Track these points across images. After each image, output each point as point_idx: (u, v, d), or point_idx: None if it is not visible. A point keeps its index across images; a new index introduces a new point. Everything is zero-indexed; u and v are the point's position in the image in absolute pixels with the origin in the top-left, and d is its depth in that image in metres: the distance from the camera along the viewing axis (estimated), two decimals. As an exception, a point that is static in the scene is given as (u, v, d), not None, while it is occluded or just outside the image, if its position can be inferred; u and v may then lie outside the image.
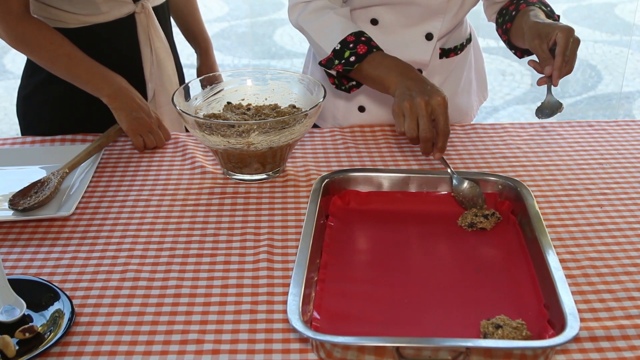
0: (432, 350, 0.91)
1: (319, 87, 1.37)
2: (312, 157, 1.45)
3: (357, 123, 1.60)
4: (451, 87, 1.60)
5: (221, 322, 1.01)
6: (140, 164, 1.44)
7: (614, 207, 1.28)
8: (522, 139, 1.51)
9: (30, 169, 1.41)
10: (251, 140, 1.27)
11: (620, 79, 4.55)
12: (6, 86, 4.45)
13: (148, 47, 1.60)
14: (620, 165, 1.42)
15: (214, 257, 1.15)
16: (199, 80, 1.43)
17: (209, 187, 1.35)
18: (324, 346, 0.93)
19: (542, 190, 1.33)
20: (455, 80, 1.60)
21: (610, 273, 1.10)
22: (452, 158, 1.44)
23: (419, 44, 1.49)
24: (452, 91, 1.59)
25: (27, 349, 0.96)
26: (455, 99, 1.61)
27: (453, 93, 1.60)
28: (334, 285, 1.07)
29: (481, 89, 1.73)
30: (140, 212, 1.28)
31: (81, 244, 1.19)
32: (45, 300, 1.04)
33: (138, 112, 1.46)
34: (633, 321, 1.00)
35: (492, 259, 1.14)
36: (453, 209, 1.25)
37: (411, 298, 1.05)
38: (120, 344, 0.98)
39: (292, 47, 4.98)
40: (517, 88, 4.37)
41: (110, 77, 1.47)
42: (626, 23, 5.67)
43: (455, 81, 1.61)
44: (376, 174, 1.29)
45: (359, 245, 1.19)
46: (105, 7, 1.51)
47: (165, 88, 1.66)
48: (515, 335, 0.94)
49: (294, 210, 1.27)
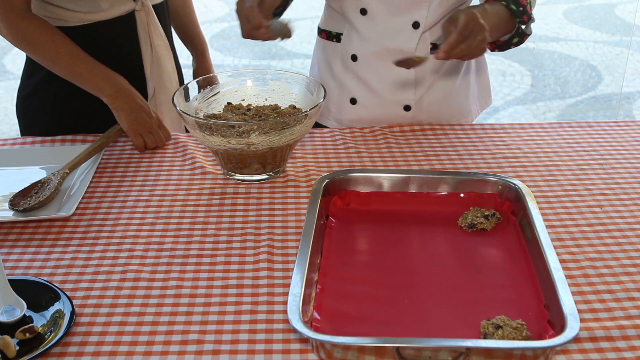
0: (432, 350, 0.91)
1: (319, 88, 1.37)
2: (313, 158, 1.45)
3: (350, 117, 1.62)
4: (444, 85, 1.60)
5: (221, 323, 1.01)
6: (140, 164, 1.44)
7: (614, 207, 1.28)
8: (522, 140, 1.52)
9: (30, 169, 1.41)
10: (251, 140, 1.27)
11: (620, 80, 4.55)
12: (6, 87, 4.45)
13: (148, 44, 1.60)
14: (620, 165, 1.42)
15: (214, 258, 1.15)
16: (199, 81, 1.44)
17: (209, 188, 1.35)
18: (324, 346, 0.93)
19: (542, 190, 1.33)
20: (449, 79, 1.60)
21: (610, 273, 1.11)
22: (452, 158, 1.44)
23: (406, 33, 1.50)
24: (445, 90, 1.60)
25: (27, 349, 0.96)
26: (449, 98, 1.61)
27: (447, 92, 1.60)
28: (334, 285, 1.07)
29: (483, 95, 1.72)
30: (141, 212, 1.28)
31: (81, 245, 1.19)
32: (46, 300, 1.04)
33: (138, 112, 1.46)
34: (633, 321, 1.00)
35: (493, 260, 1.14)
36: (453, 210, 1.25)
37: (411, 298, 1.05)
38: (120, 344, 0.98)
39: (292, 48, 4.98)
40: (517, 88, 4.37)
41: (111, 77, 1.47)
42: (626, 23, 5.67)
43: (450, 80, 1.60)
44: (376, 175, 1.29)
45: (359, 246, 1.19)
46: (105, 4, 1.51)
47: (165, 86, 1.66)
48: (516, 335, 0.94)
49: (294, 210, 1.27)
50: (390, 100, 1.59)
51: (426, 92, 1.59)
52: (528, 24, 1.46)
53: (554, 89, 4.41)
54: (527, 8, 1.43)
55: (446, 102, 1.61)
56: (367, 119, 1.61)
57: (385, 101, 1.59)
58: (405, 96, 1.58)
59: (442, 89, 1.59)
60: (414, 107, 1.59)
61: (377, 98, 1.59)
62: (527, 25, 1.46)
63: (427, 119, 1.61)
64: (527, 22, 1.45)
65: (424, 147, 1.49)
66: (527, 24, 1.46)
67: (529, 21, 1.45)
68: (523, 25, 1.46)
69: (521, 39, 1.48)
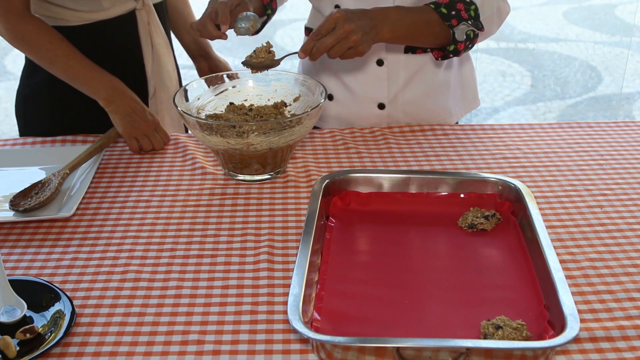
0: (433, 350, 0.91)
1: (320, 88, 1.37)
2: (313, 158, 1.45)
3: (328, 113, 1.62)
4: (420, 86, 1.58)
5: (221, 323, 1.01)
6: (141, 164, 1.44)
7: (614, 207, 1.28)
8: (522, 140, 1.52)
9: (30, 169, 1.41)
10: (250, 141, 1.27)
11: (620, 80, 4.55)
12: (7, 87, 4.45)
13: (149, 43, 1.61)
14: (620, 166, 1.42)
15: (215, 258, 1.15)
16: (203, 80, 1.44)
17: (210, 188, 1.35)
18: (324, 347, 0.93)
19: (542, 191, 1.33)
20: (425, 80, 1.58)
21: (610, 274, 1.11)
22: (452, 158, 1.44)
23: None
24: (420, 91, 1.59)
25: (27, 349, 0.96)
26: (427, 98, 1.60)
27: (422, 93, 1.59)
28: (334, 285, 1.07)
29: (467, 96, 1.69)
30: (141, 212, 1.28)
31: (82, 245, 1.19)
32: (46, 301, 1.04)
33: (133, 116, 1.46)
34: (633, 322, 1.00)
35: (493, 260, 1.14)
36: (453, 210, 1.25)
37: (411, 299, 1.05)
38: (120, 344, 0.98)
39: (293, 48, 4.98)
40: (517, 89, 4.37)
41: (107, 80, 1.48)
42: (626, 24, 5.67)
43: (426, 81, 1.58)
44: (376, 175, 1.29)
45: (359, 246, 1.19)
46: (107, 3, 1.51)
47: (165, 85, 1.66)
48: (516, 335, 0.94)
49: (294, 211, 1.28)
50: (364, 98, 1.59)
51: (401, 90, 1.58)
52: (460, 29, 1.38)
53: (554, 89, 4.41)
54: (462, 13, 1.36)
55: (423, 101, 1.60)
56: (345, 117, 1.62)
57: (360, 98, 1.59)
58: (379, 94, 1.58)
59: (418, 88, 1.58)
60: (389, 105, 1.59)
61: (351, 95, 1.60)
62: (459, 30, 1.38)
63: (404, 118, 1.61)
64: (457, 27, 1.37)
65: (423, 148, 1.49)
66: (458, 29, 1.37)
67: (459, 25, 1.37)
68: (452, 29, 1.37)
69: (456, 46, 1.39)
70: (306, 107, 1.40)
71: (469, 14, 1.37)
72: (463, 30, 1.39)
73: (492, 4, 1.42)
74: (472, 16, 1.38)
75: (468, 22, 1.38)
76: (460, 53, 1.42)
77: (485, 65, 4.67)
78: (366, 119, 1.61)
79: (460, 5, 1.37)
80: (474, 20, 1.38)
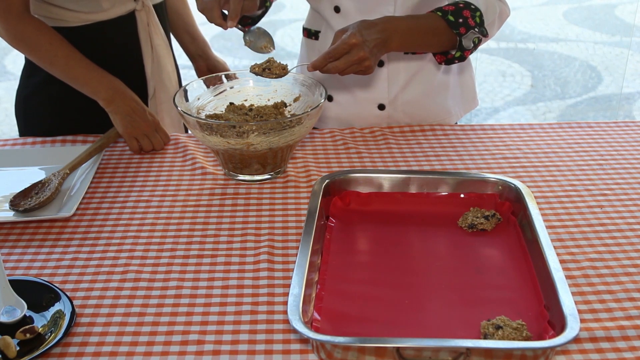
0: (433, 350, 0.91)
1: (320, 89, 1.37)
2: (313, 158, 1.45)
3: (328, 114, 1.63)
4: (419, 86, 1.59)
5: (222, 323, 1.01)
6: (141, 165, 1.44)
7: (614, 207, 1.28)
8: (522, 140, 1.52)
9: (30, 169, 1.41)
10: (250, 141, 1.27)
11: (620, 80, 4.55)
12: (7, 87, 4.46)
13: (149, 44, 1.61)
14: (620, 166, 1.42)
15: (215, 258, 1.15)
16: (203, 80, 1.44)
17: (210, 188, 1.35)
18: (324, 347, 0.93)
19: (542, 191, 1.33)
20: (424, 80, 1.59)
21: (610, 274, 1.11)
22: (452, 158, 1.44)
23: None
24: (420, 91, 1.59)
25: (28, 349, 0.96)
26: (426, 99, 1.61)
27: (423, 92, 1.60)
28: (334, 285, 1.07)
29: (466, 97, 1.70)
30: (141, 212, 1.28)
31: (82, 245, 1.19)
32: (46, 301, 1.04)
33: (133, 116, 1.46)
34: (633, 322, 1.00)
35: (493, 260, 1.14)
36: (453, 210, 1.25)
37: (411, 299, 1.05)
38: (121, 344, 0.98)
39: (293, 48, 4.98)
40: (517, 89, 4.37)
41: (107, 81, 1.48)
42: (626, 24, 5.67)
43: (425, 82, 1.59)
44: (376, 175, 1.29)
45: (359, 246, 1.19)
46: (107, 4, 1.52)
47: (165, 85, 1.67)
48: (516, 336, 0.94)
49: (294, 211, 1.28)
50: (364, 99, 1.59)
51: (401, 91, 1.58)
52: (467, 37, 1.38)
53: (554, 89, 4.41)
54: (469, 21, 1.37)
55: (423, 102, 1.60)
56: (345, 118, 1.62)
57: (359, 99, 1.60)
58: (379, 95, 1.58)
59: (417, 88, 1.59)
60: (389, 106, 1.59)
61: (351, 96, 1.60)
62: (466, 38, 1.38)
63: (404, 119, 1.61)
64: (466, 35, 1.37)
65: (423, 148, 1.49)
66: (466, 37, 1.38)
67: (467, 33, 1.37)
68: (460, 37, 1.37)
69: (462, 53, 1.40)
70: (306, 108, 1.40)
71: (475, 20, 1.38)
72: (470, 38, 1.39)
73: (495, 8, 1.43)
74: (477, 23, 1.38)
75: (475, 29, 1.38)
76: (465, 59, 1.43)
77: (485, 65, 4.67)
78: (366, 120, 1.61)
79: (466, 13, 1.37)
80: (480, 26, 1.39)
